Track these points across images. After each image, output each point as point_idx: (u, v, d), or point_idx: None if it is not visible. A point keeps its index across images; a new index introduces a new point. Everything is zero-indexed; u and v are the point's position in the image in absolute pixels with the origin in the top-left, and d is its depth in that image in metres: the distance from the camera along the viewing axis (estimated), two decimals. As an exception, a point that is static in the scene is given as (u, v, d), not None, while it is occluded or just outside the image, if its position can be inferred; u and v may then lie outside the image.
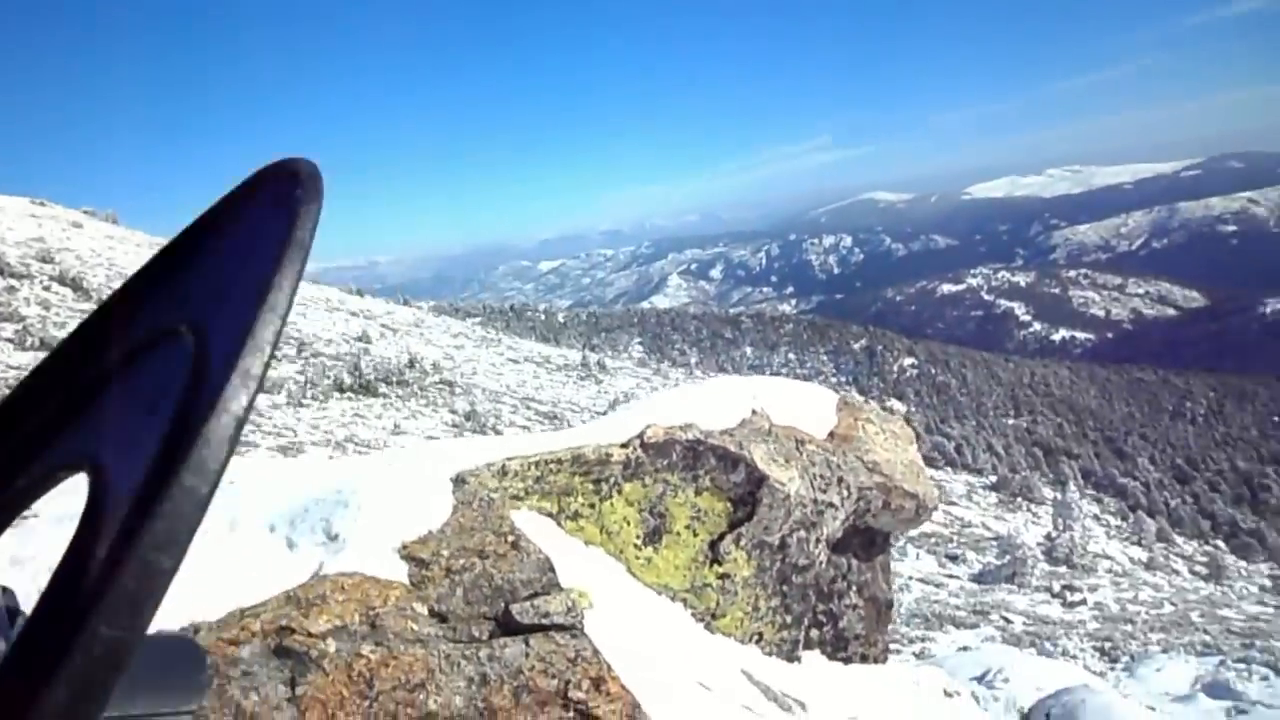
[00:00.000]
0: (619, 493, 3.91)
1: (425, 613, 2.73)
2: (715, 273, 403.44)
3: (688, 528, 3.95)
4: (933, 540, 31.94)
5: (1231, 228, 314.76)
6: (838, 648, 4.27)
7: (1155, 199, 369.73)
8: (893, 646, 17.29)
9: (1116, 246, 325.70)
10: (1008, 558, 27.16)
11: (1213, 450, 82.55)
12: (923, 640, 17.97)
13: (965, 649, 15.77)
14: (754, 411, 4.15)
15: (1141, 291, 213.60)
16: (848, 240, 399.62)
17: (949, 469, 54.24)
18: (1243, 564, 47.06)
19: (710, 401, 4.14)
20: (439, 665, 2.60)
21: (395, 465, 3.41)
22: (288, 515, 2.96)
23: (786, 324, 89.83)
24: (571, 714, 2.63)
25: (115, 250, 32.70)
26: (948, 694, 3.79)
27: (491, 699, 2.59)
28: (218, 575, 2.71)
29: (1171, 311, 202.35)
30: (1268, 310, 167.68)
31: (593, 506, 3.88)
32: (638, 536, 3.92)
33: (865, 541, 4.47)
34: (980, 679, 6.09)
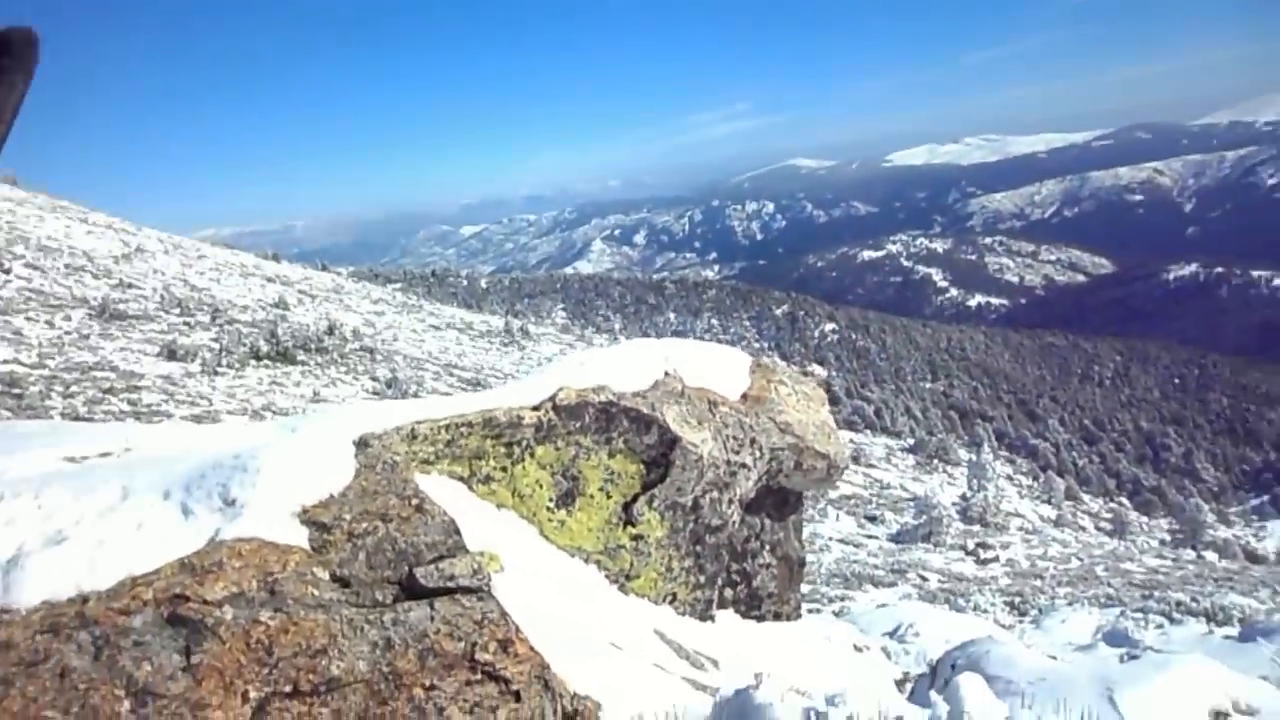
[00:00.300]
0: (531, 456, 3.88)
1: (327, 577, 2.67)
2: (639, 238, 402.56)
3: (601, 490, 3.94)
4: (853, 502, 32.55)
5: (1138, 197, 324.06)
6: (751, 606, 4.32)
7: (1068, 168, 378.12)
8: (814, 605, 17.66)
9: (1030, 214, 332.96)
10: (924, 518, 27.77)
11: (1118, 412, 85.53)
12: (842, 599, 18.31)
13: (883, 606, 16.16)
14: (667, 374, 4.15)
15: (1053, 258, 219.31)
16: (770, 206, 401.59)
17: (869, 432, 55.32)
18: (1144, 519, 49.02)
19: (623, 364, 4.12)
20: (341, 630, 2.55)
21: (298, 430, 3.33)
22: (184, 481, 2.86)
23: (710, 290, 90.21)
24: (479, 676, 2.61)
25: (15, 214, 31.38)
26: (857, 648, 3.86)
27: (396, 663, 2.56)
28: (108, 544, 2.61)
29: (1081, 278, 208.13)
30: (1170, 277, 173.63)
31: (505, 470, 3.84)
32: (550, 499, 3.90)
33: (778, 501, 4.51)
34: (892, 634, 6.24)
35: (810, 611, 16.94)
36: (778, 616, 4.40)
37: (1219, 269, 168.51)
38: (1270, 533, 59.88)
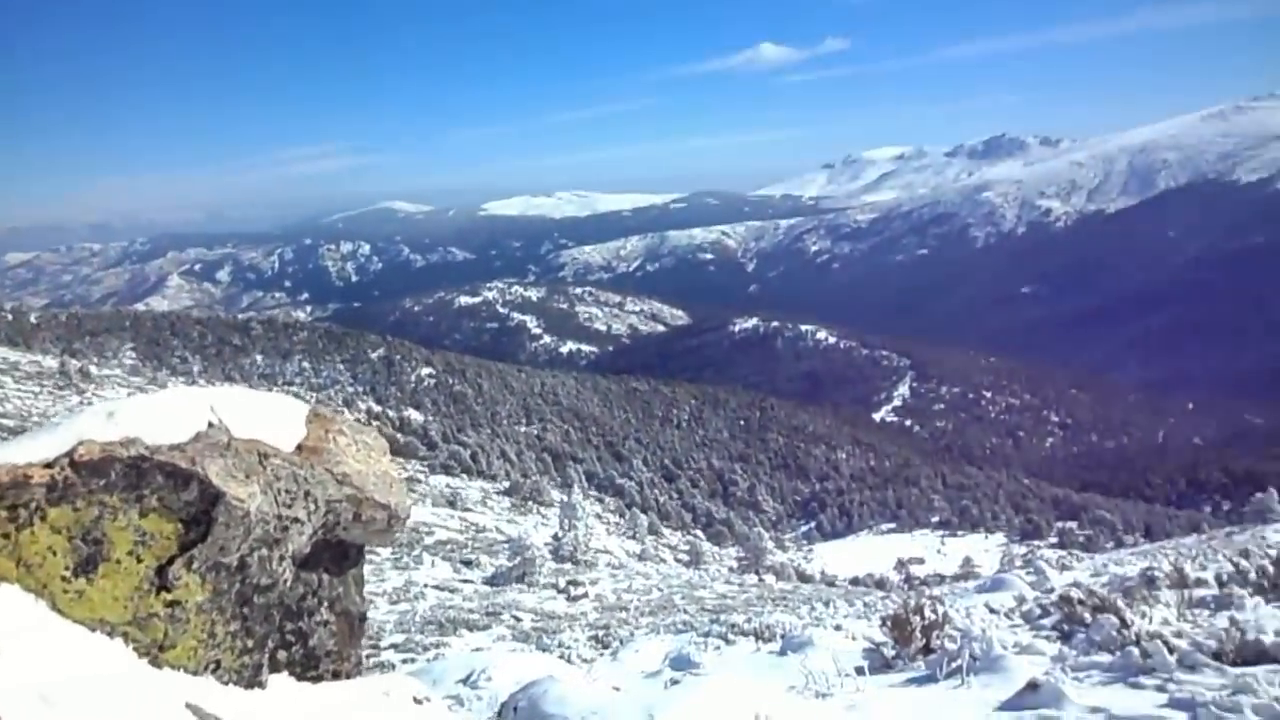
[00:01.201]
0: (42, 519, 3.42)
1: None
2: (222, 275, 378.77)
3: (130, 554, 3.56)
4: (448, 547, 32.49)
5: (709, 256, 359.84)
6: (308, 667, 4.11)
7: (649, 226, 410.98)
8: (409, 654, 17.29)
9: (617, 268, 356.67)
10: (518, 559, 28.21)
11: (694, 451, 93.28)
12: (437, 646, 18.18)
13: (477, 650, 16.20)
14: (211, 424, 3.85)
15: (637, 309, 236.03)
16: (366, 248, 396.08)
17: (465, 476, 55.60)
18: (716, 549, 53.64)
19: (160, 414, 3.77)
20: None
21: None
22: None
23: (301, 331, 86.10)
24: (-58, 786, 2.21)
25: None
26: (417, 700, 3.80)
27: None
28: None
29: (661, 328, 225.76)
30: (736, 329, 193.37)
31: (7, 537, 3.35)
32: (67, 568, 3.45)
33: (337, 555, 4.35)
34: (465, 680, 6.23)
35: (404, 660, 16.61)
36: (336, 675, 4.22)
37: (775, 323, 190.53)
38: (817, 554, 68.21)
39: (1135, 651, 5.41)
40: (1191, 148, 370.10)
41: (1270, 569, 7.81)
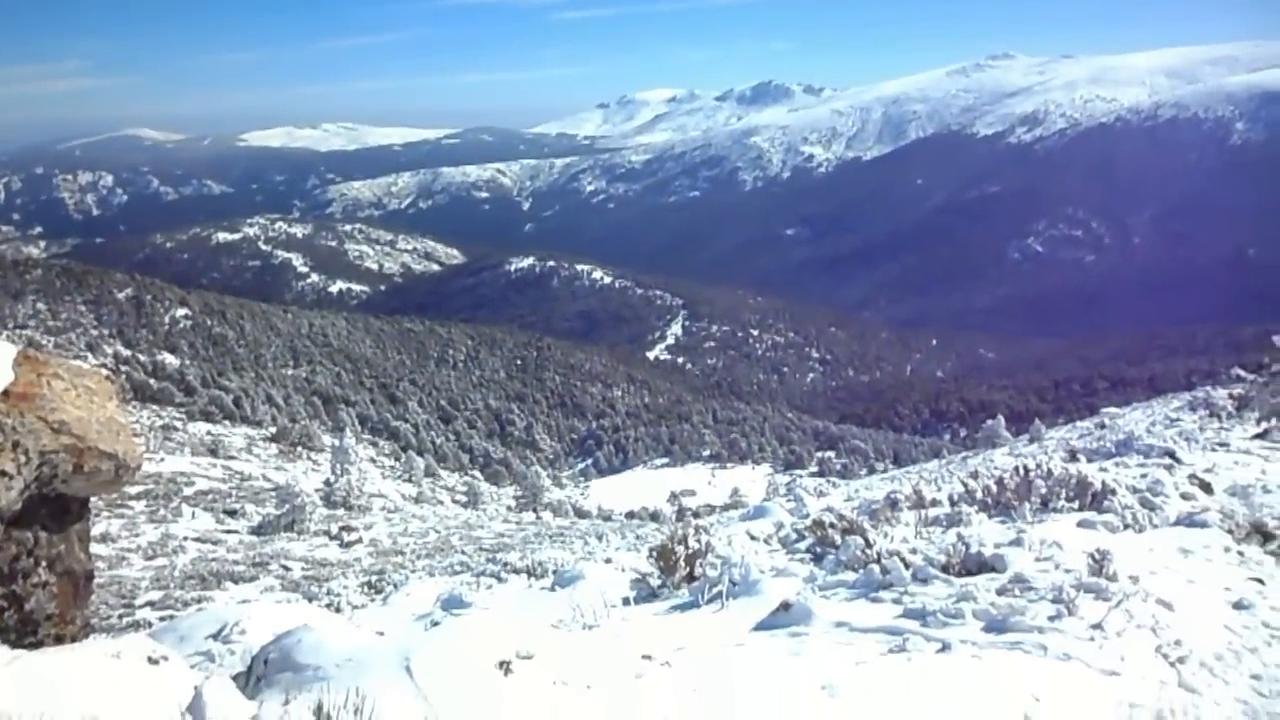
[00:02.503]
0: None
1: None
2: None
3: None
4: (210, 497, 31.01)
5: (484, 194, 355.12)
6: (24, 633, 3.76)
7: (421, 162, 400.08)
8: (167, 611, 16.40)
9: (388, 204, 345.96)
10: (287, 507, 27.39)
11: (470, 392, 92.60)
12: (199, 601, 17.46)
13: (244, 602, 15.53)
14: (-107, 370, 3.41)
15: (410, 248, 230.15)
16: (109, 179, 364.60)
17: (228, 423, 52.94)
18: (494, 489, 53.66)
19: None
20: None
21: None
22: None
23: (35, 269, 77.99)
24: None
25: None
26: (152, 660, 3.55)
27: None
28: None
29: (435, 267, 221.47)
30: (512, 268, 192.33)
31: None
32: None
33: (57, 510, 3.98)
34: (217, 635, 5.93)
35: (162, 619, 15.70)
36: (60, 639, 3.90)
37: (551, 262, 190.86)
38: (594, 490, 69.60)
39: (876, 569, 5.81)
40: (938, 101, 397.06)
41: (994, 488, 8.59)
